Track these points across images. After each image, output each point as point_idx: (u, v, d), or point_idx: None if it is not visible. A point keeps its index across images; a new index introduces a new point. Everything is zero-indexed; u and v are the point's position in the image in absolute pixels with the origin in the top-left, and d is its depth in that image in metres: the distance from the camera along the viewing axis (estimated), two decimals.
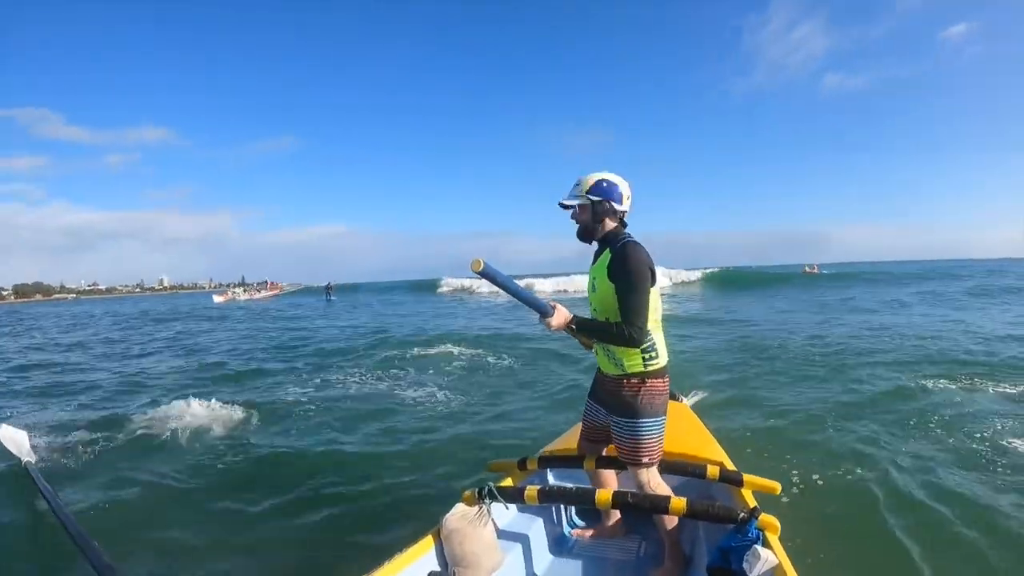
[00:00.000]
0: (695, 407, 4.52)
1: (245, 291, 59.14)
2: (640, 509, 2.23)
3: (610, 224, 2.36)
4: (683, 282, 37.28)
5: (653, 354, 2.31)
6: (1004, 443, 4.66)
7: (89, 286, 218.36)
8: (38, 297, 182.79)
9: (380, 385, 7.92)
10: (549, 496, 2.34)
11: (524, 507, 2.62)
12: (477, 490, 2.32)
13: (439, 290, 44.91)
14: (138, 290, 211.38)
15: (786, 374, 7.78)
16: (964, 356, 8.35)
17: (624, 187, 2.34)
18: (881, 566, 3.04)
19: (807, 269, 43.30)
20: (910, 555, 3.12)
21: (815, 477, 4.18)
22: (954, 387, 6.58)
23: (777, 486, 2.49)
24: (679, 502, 2.11)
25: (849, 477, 4.21)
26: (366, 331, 15.68)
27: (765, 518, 2.04)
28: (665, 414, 2.38)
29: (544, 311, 2.23)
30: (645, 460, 2.34)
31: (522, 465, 2.75)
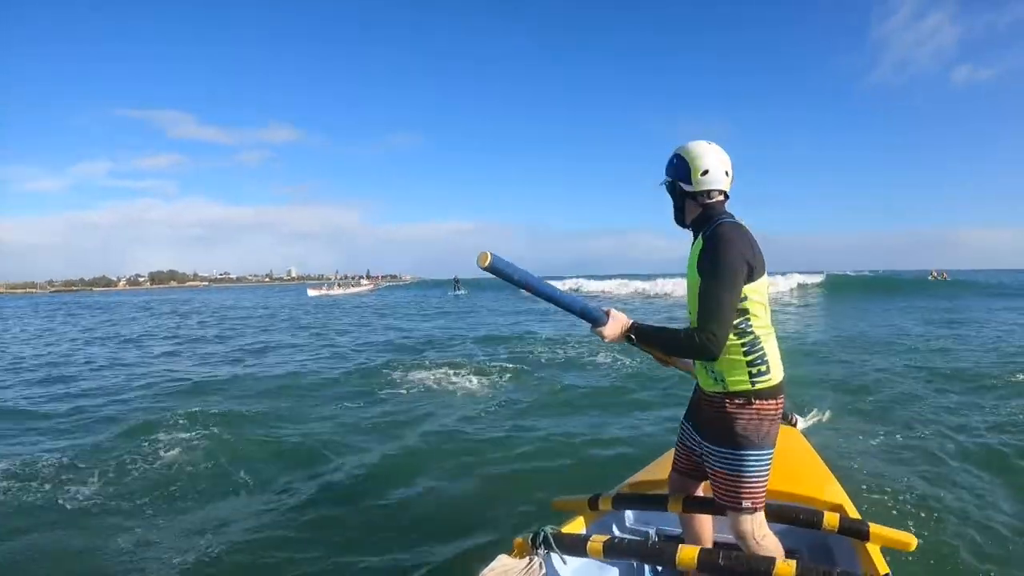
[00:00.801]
0: (807, 432, 3.81)
1: (340, 285, 59.22)
2: (735, 574, 1.78)
3: (694, 208, 1.94)
4: (799, 285, 32.39)
5: (763, 368, 1.84)
6: None
7: (220, 275, 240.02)
8: (172, 284, 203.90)
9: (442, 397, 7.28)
10: (619, 551, 1.93)
11: (591, 558, 2.16)
12: (531, 536, 1.94)
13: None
14: (267, 280, 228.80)
15: (923, 399, 6.54)
16: None
17: (700, 159, 1.89)
18: None
19: (934, 275, 39.08)
20: None
21: (962, 529, 3.41)
22: None
23: (913, 541, 2.03)
24: (786, 568, 1.69)
25: (1002, 529, 3.41)
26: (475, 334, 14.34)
27: None
28: (774, 445, 1.90)
29: (595, 319, 1.86)
30: (747, 504, 1.85)
31: (593, 504, 2.33)
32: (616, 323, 1.85)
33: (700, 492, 2.20)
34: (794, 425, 3.26)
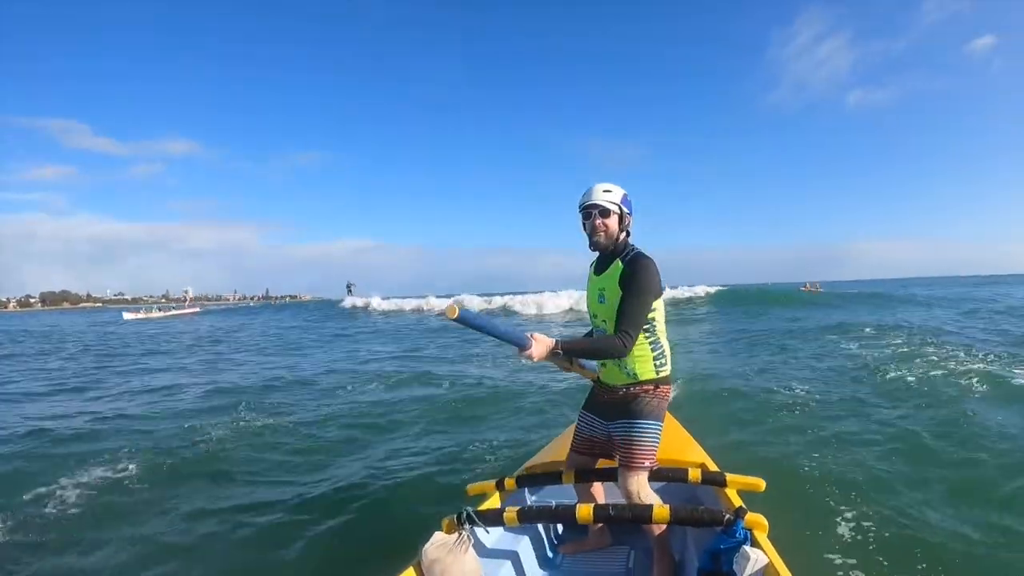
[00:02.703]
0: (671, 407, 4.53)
1: (160, 308, 55.84)
2: (623, 521, 2.21)
3: (622, 237, 2.42)
4: (682, 299, 33.76)
5: (663, 361, 2.39)
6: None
7: (115, 295, 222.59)
8: (65, 305, 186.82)
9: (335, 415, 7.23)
10: (529, 516, 2.31)
11: (508, 528, 2.58)
12: (456, 516, 2.25)
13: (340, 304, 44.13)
14: (163, 300, 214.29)
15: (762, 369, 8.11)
16: None
17: (628, 198, 2.41)
18: (876, 554, 3.03)
19: (807, 287, 42.06)
20: (900, 539, 3.13)
21: (800, 468, 4.17)
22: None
23: (761, 483, 2.46)
24: (662, 510, 2.10)
25: (832, 464, 4.25)
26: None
27: (752, 517, 2.02)
28: (663, 420, 2.42)
29: (522, 344, 2.19)
30: (646, 463, 2.36)
31: (500, 486, 2.72)
32: (541, 344, 2.19)
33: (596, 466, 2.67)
34: None
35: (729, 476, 2.51)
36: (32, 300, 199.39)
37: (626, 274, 2.28)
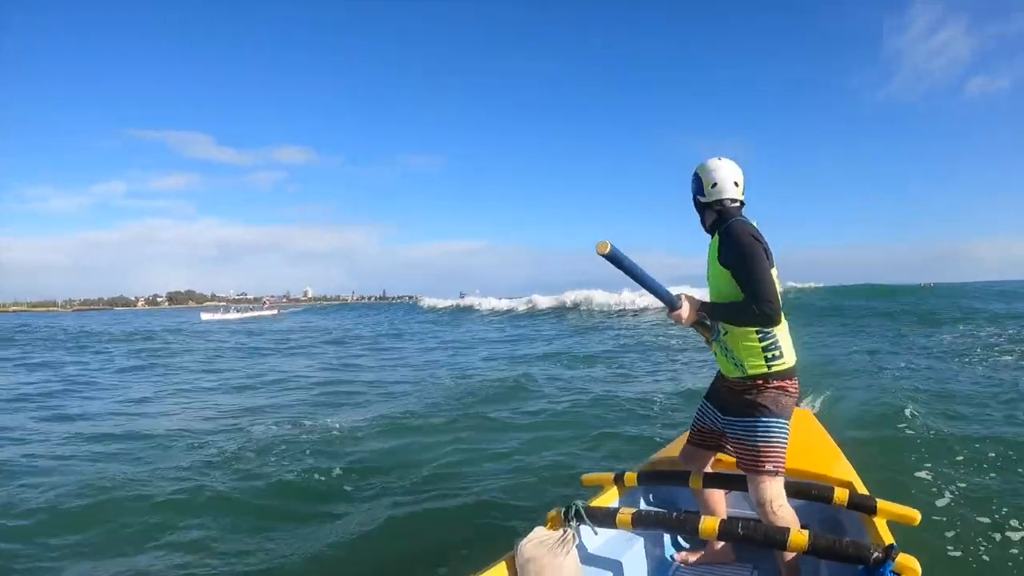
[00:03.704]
0: (819, 415, 3.98)
1: (238, 310, 54.53)
2: (753, 543, 1.94)
3: (711, 215, 2.24)
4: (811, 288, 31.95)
5: (776, 353, 2.07)
6: None
7: (238, 295, 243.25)
8: (191, 303, 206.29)
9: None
10: (646, 521, 2.07)
11: (619, 529, 2.31)
12: (564, 510, 2.08)
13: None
14: (283, 300, 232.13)
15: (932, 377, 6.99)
16: None
17: (710, 174, 2.21)
18: None
19: (925, 285, 41.07)
20: None
21: (965, 506, 3.51)
22: None
23: (917, 516, 2.13)
24: (800, 536, 1.81)
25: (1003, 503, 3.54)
26: None
27: (903, 560, 1.69)
28: (790, 418, 2.10)
29: (671, 302, 2.10)
30: (769, 467, 2.03)
31: (619, 480, 2.52)
32: (689, 307, 2.10)
33: (709, 468, 2.40)
34: (803, 408, 3.39)
35: (880, 503, 2.15)
36: (159, 299, 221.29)
37: (722, 247, 2.11)
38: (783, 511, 2.03)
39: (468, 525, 3.55)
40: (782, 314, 2.07)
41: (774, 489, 2.04)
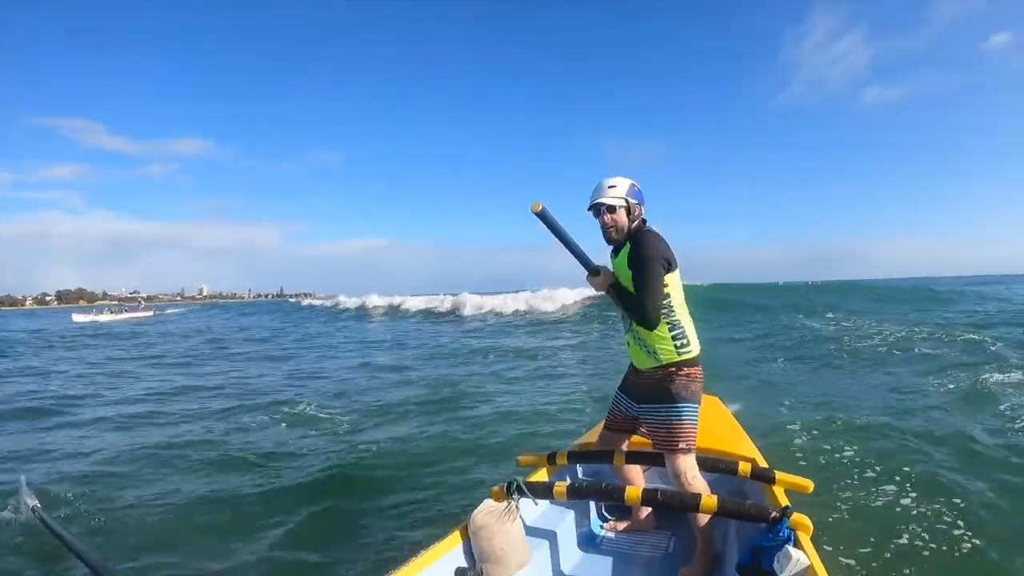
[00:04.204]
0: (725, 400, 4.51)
1: (111, 310, 49.46)
2: (671, 507, 2.21)
3: (632, 225, 2.44)
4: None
5: (684, 342, 2.36)
6: None
7: (130, 294, 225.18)
8: (82, 303, 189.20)
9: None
10: (578, 492, 2.33)
11: (554, 502, 2.59)
12: (506, 485, 2.31)
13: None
14: (178, 299, 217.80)
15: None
16: None
17: (635, 186, 2.45)
18: (920, 570, 2.97)
19: (812, 283, 45.17)
20: (949, 555, 3.03)
21: (850, 474, 4.09)
22: None
23: (810, 484, 2.44)
24: (710, 500, 2.09)
25: (881, 474, 4.11)
26: None
27: (797, 518, 1.99)
28: (700, 403, 2.41)
29: (592, 268, 2.38)
30: (681, 446, 2.34)
31: (551, 460, 2.75)
32: (606, 275, 2.38)
33: (625, 447, 2.71)
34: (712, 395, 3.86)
35: (778, 474, 2.49)
36: (48, 298, 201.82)
37: (632, 251, 2.32)
38: (696, 481, 2.35)
39: (418, 503, 3.87)
40: (685, 307, 2.41)
41: (687, 462, 2.36)
